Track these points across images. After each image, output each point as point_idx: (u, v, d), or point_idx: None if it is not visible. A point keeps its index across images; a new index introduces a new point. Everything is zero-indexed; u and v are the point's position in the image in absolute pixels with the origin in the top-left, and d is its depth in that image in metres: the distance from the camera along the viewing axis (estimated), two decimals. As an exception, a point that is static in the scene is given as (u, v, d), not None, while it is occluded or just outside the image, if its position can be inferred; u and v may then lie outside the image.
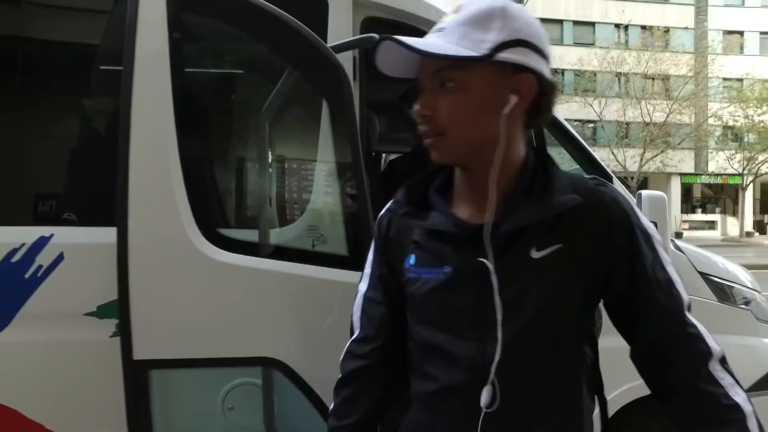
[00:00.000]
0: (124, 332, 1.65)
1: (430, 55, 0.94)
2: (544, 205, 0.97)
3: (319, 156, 1.87)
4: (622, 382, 2.18)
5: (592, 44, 27.75)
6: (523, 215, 0.97)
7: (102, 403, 1.80)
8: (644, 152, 25.19)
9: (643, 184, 26.62)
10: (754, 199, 31.30)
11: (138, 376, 1.66)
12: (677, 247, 2.34)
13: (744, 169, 26.60)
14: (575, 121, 23.52)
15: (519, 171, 1.03)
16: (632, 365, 2.48)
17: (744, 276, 2.64)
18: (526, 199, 1.00)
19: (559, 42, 29.32)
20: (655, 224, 1.99)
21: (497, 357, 0.96)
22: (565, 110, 22.46)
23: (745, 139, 26.17)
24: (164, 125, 1.66)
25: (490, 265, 0.97)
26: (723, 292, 2.40)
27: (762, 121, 24.55)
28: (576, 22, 29.66)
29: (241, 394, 1.83)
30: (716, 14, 30.29)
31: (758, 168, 26.27)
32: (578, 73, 26.68)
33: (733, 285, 2.48)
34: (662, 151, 25.30)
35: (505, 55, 0.94)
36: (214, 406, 1.80)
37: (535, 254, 0.97)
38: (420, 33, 1.16)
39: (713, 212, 31.53)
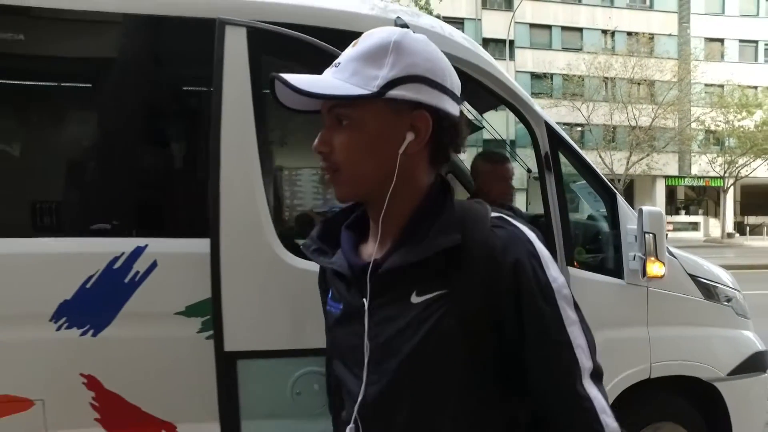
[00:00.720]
0: (216, 328, 1.97)
1: (313, 96, 0.92)
2: (420, 246, 0.91)
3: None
4: (620, 371, 2.55)
5: (579, 49, 28.34)
6: (399, 256, 0.92)
7: (190, 389, 2.11)
8: (630, 155, 25.83)
9: (630, 186, 27.34)
10: (735, 201, 32.19)
11: (228, 365, 1.98)
12: (671, 253, 2.70)
13: (725, 172, 27.40)
14: (564, 124, 24.02)
15: (417, 207, 0.97)
16: (628, 355, 2.87)
17: (726, 277, 3.02)
18: (412, 239, 0.94)
19: (548, 47, 29.93)
20: (654, 236, 2.36)
21: (359, 398, 0.95)
22: (553, 114, 22.91)
23: (726, 143, 26.98)
24: (249, 154, 1.99)
25: (365, 306, 0.95)
26: (708, 291, 2.78)
27: (741, 126, 25.37)
28: (564, 28, 30.27)
29: (306, 381, 2.16)
30: (698, 22, 31.15)
31: (738, 171, 27.08)
32: (566, 78, 27.28)
33: (717, 285, 2.86)
34: (648, 155, 25.95)
35: (396, 92, 0.90)
36: (285, 391, 2.12)
37: (415, 299, 0.92)
38: (459, 71, 1.48)
39: (696, 214, 32.33)
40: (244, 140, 2.00)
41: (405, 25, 2.15)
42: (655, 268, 2.40)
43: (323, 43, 2.03)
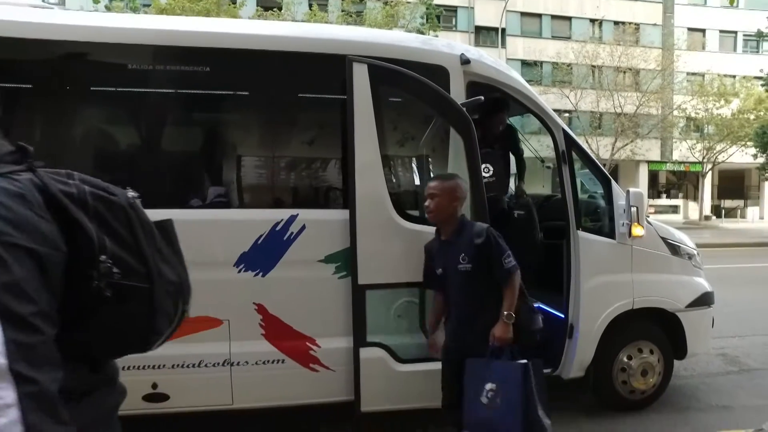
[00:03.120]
0: (353, 268, 2.96)
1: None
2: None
3: (450, 168, 3.22)
4: (613, 302, 3.60)
5: (568, 38, 29.24)
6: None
7: (325, 313, 3.11)
8: (615, 141, 26.96)
9: (614, 171, 28.50)
10: (713, 186, 33.69)
11: (360, 294, 2.98)
12: (649, 222, 3.75)
13: (704, 158, 28.77)
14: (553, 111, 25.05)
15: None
16: (618, 292, 3.94)
17: (688, 240, 4.09)
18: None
19: (538, 35, 30.80)
20: (637, 208, 3.40)
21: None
22: (543, 101, 23.91)
23: (705, 131, 28.31)
24: (373, 154, 2.98)
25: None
26: (674, 249, 3.86)
27: (720, 114, 26.69)
28: (554, 17, 31.14)
29: (404, 307, 3.17)
30: (681, 12, 32.26)
31: (716, 157, 28.48)
32: (555, 66, 28.19)
33: (680, 245, 3.94)
34: (632, 141, 27.11)
35: None
36: (391, 313, 3.14)
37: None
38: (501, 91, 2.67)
39: (676, 197, 33.75)
40: (369, 144, 2.98)
41: (467, 61, 3.15)
42: (637, 231, 3.46)
43: (418, 75, 3.02)
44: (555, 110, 3.61)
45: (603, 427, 3.65)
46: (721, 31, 32.55)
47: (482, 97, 3.13)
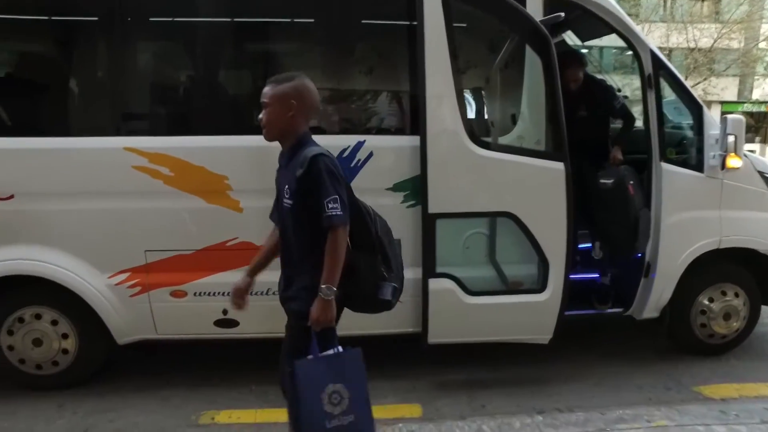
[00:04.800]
0: (423, 196, 2.85)
1: None
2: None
3: (526, 91, 3.00)
4: (696, 241, 3.34)
5: (638, -35, 26.89)
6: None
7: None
8: (686, 79, 25.06)
9: (683, 112, 26.64)
10: (795, 128, 31.03)
11: (430, 223, 2.88)
12: (745, 155, 3.41)
13: (789, 97, 26.37)
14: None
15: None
16: (704, 230, 3.54)
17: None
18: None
19: (604, -36, 28.35)
20: (735, 137, 3.07)
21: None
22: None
23: (797, 65, 25.76)
24: (446, 76, 2.79)
25: None
26: (770, 183, 3.51)
27: (815, 47, 24.08)
28: (622, -59, 28.53)
29: (473, 239, 3.06)
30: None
31: (804, 96, 26.01)
32: (622, -2, 26.12)
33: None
34: (705, 79, 25.12)
35: None
36: (459, 244, 3.04)
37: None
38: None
39: (752, 141, 31.43)
40: (441, 66, 2.80)
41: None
42: (733, 162, 3.14)
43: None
44: (617, 48, 3.28)
45: (679, 369, 3.50)
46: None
47: (562, 14, 2.84)
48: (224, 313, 3.07)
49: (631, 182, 3.28)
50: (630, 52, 3.26)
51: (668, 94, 3.57)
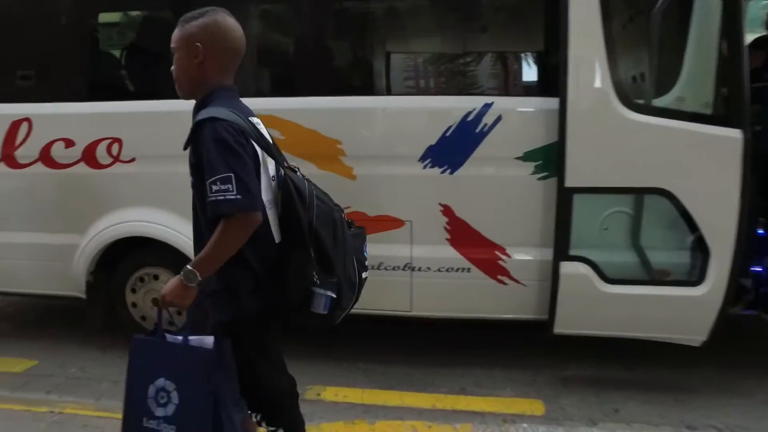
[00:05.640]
0: (559, 168, 2.46)
1: None
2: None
3: (693, 41, 2.46)
4: None
5: None
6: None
7: (520, 220, 2.69)
8: None
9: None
10: None
11: (566, 198, 2.49)
12: None
13: None
14: None
15: None
16: None
17: None
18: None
19: None
20: None
21: None
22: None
23: None
24: (592, 26, 2.35)
25: None
26: None
27: None
28: None
29: (613, 219, 2.62)
30: None
31: None
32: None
33: None
34: None
35: None
36: (596, 225, 2.61)
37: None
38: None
39: None
40: (587, 14, 2.35)
41: None
42: None
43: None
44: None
45: None
46: None
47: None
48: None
49: None
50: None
51: None
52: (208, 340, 1.55)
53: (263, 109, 2.72)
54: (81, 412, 2.60)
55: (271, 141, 1.69)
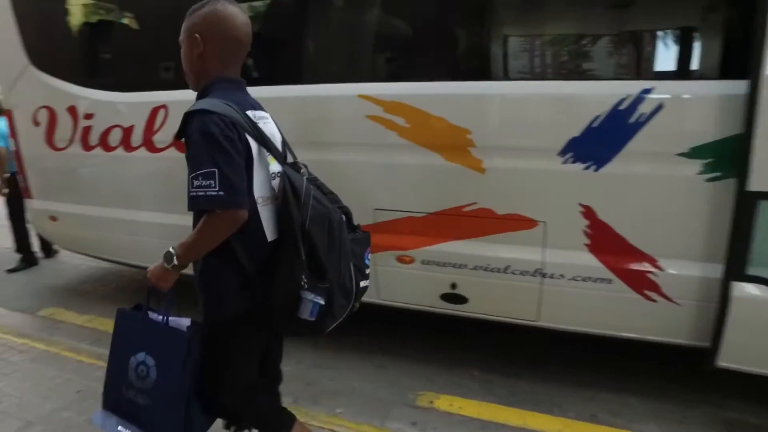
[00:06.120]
0: (742, 167, 2.01)
1: None
2: None
3: None
4: None
5: None
6: None
7: (678, 227, 2.26)
8: None
9: None
10: None
11: (748, 205, 2.04)
12: None
13: None
14: None
15: None
16: None
17: None
18: None
19: None
20: None
21: None
22: None
23: None
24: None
25: None
26: None
27: None
28: None
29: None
30: None
31: None
32: None
33: None
34: None
35: None
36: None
37: None
38: None
39: None
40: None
41: None
42: None
43: None
44: None
45: None
46: None
47: None
48: (453, 287, 2.71)
49: None
50: None
51: None
52: (185, 322, 1.61)
53: (385, 94, 2.60)
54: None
55: (277, 136, 1.62)
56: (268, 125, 1.58)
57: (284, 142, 1.66)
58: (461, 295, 2.72)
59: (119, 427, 1.59)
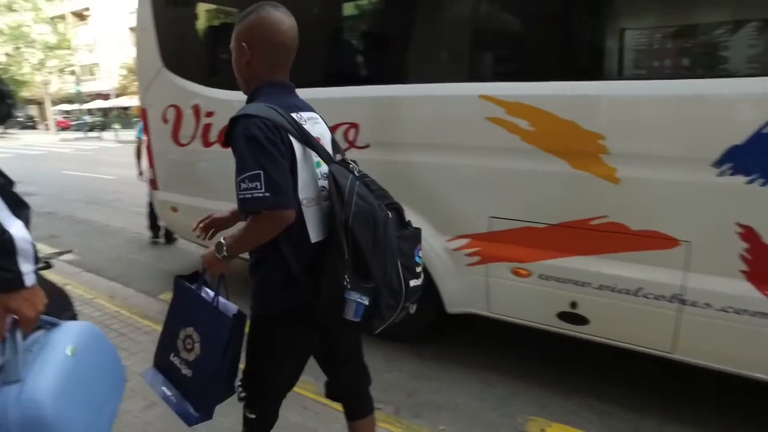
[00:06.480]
0: None
1: None
2: None
3: None
4: None
5: None
6: None
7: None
8: None
9: None
10: None
11: None
12: None
13: None
14: None
15: None
16: None
17: None
18: None
19: None
20: None
21: None
22: None
23: None
24: None
25: None
26: None
27: None
28: None
29: None
30: None
31: None
32: None
33: None
34: None
35: None
36: None
37: None
38: None
39: None
40: None
41: None
42: None
43: None
44: None
45: None
46: None
47: None
48: (572, 306, 2.46)
49: None
50: None
51: None
52: (232, 309, 1.64)
53: (508, 95, 2.40)
54: (302, 392, 2.65)
55: (326, 136, 1.62)
56: (316, 126, 1.59)
57: (334, 142, 1.66)
58: (582, 315, 2.46)
59: (163, 388, 1.67)
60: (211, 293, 1.67)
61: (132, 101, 37.90)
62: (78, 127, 36.44)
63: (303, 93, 1.67)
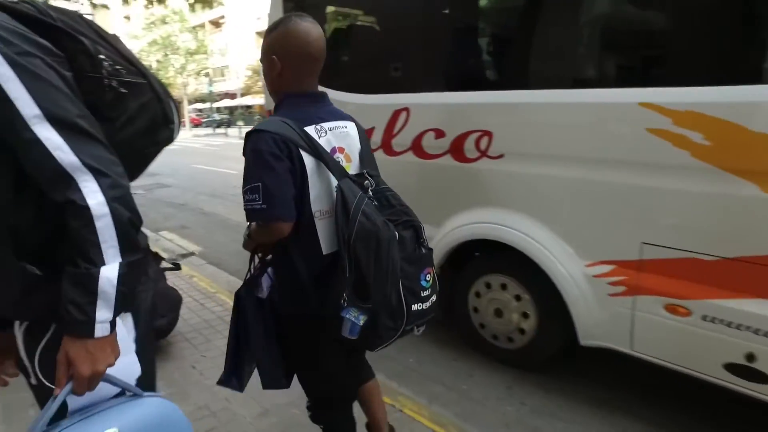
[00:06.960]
0: None
1: None
2: None
3: None
4: None
5: None
6: None
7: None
8: None
9: None
10: None
11: None
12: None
13: None
14: None
15: None
16: None
17: None
18: None
19: None
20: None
21: None
22: None
23: None
24: None
25: None
26: None
27: None
28: None
29: None
30: None
31: None
32: None
33: None
34: None
35: None
36: None
37: None
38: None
39: None
40: None
41: None
42: None
43: None
44: None
45: None
46: None
47: None
48: (749, 358, 2.04)
49: None
50: None
51: None
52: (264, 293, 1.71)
53: (678, 102, 2.04)
54: (416, 416, 2.49)
55: (352, 146, 1.61)
56: (341, 136, 1.58)
57: (364, 152, 1.64)
58: (761, 371, 2.03)
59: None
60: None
61: (255, 100, 40.75)
62: (207, 123, 39.81)
63: (428, 98, 1.50)
